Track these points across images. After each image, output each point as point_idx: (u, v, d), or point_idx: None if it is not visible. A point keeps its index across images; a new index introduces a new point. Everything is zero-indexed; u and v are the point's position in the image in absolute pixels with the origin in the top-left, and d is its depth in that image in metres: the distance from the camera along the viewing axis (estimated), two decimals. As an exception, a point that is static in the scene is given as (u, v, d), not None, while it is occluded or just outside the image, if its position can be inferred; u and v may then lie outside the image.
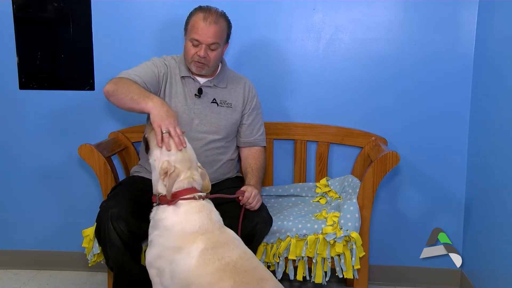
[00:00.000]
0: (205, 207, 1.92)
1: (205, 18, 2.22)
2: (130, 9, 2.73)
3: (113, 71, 2.75)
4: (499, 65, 2.36)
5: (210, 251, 1.79)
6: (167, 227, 1.88)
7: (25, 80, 2.82)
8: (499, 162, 2.31)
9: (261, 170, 2.41)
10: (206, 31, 2.22)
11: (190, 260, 1.79)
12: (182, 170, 1.93)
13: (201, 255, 1.78)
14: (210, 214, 1.92)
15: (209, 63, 2.28)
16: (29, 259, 2.95)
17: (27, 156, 2.88)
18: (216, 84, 2.37)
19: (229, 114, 2.37)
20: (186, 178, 1.93)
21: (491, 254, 2.39)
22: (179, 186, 1.92)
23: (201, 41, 2.23)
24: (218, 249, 1.80)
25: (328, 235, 2.24)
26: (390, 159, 2.29)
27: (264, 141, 2.49)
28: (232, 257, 1.79)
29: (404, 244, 2.79)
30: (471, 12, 2.61)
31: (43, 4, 2.75)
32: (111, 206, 2.09)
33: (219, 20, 2.26)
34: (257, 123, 2.46)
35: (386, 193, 2.77)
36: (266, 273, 1.81)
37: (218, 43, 2.26)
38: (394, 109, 2.71)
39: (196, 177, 1.96)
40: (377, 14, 2.67)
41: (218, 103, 2.36)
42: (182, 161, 1.94)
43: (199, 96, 2.33)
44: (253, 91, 2.46)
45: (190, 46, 2.26)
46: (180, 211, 1.89)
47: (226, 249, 1.81)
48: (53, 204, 2.92)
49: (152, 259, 1.89)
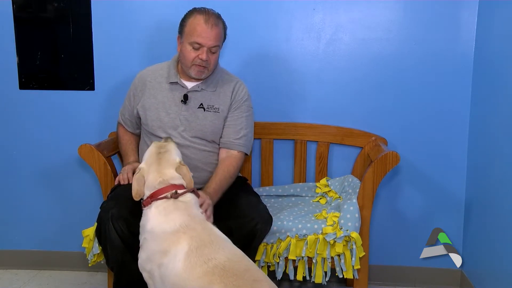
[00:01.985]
0: (179, 203, 1.90)
1: (206, 21, 2.21)
2: (130, 9, 2.73)
3: (113, 71, 2.78)
4: (499, 65, 2.36)
5: (195, 252, 1.76)
6: (149, 230, 1.88)
7: (25, 80, 2.82)
8: (499, 162, 2.31)
9: (227, 180, 2.26)
10: (209, 34, 2.20)
11: (176, 264, 1.76)
12: (149, 171, 1.95)
13: (186, 258, 1.75)
14: (188, 210, 1.89)
15: (210, 66, 2.27)
16: (29, 259, 2.95)
17: (27, 156, 2.88)
18: (205, 88, 2.34)
19: (215, 119, 2.33)
20: (154, 178, 1.93)
21: (491, 254, 2.39)
22: (151, 187, 1.93)
23: (203, 44, 2.21)
24: (203, 250, 1.76)
25: (328, 235, 2.24)
26: (390, 159, 2.29)
27: (241, 147, 2.34)
28: (219, 259, 1.74)
29: (404, 244, 2.79)
30: (471, 12, 2.61)
31: (43, 4, 2.75)
32: (112, 206, 2.09)
33: (218, 22, 2.25)
34: (237, 126, 2.35)
35: (386, 193, 2.77)
36: (259, 274, 1.77)
37: (218, 45, 2.26)
38: (394, 109, 2.72)
39: (166, 175, 1.94)
40: (377, 14, 2.67)
41: (205, 108, 2.32)
42: (150, 164, 1.97)
43: (185, 102, 2.32)
44: (242, 92, 2.38)
45: (190, 49, 2.24)
46: (154, 212, 1.89)
47: (211, 249, 1.77)
48: (53, 204, 2.92)
49: (143, 262, 1.89)
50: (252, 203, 2.24)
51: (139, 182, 1.95)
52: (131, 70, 2.71)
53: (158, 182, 1.93)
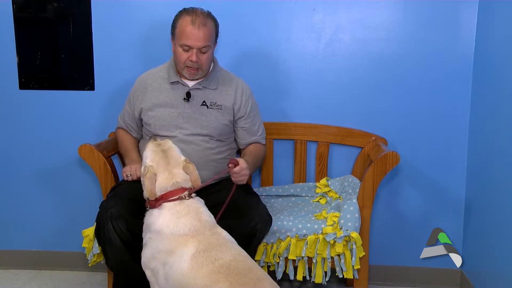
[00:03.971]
0: (191, 208, 1.91)
1: (193, 22, 2.20)
2: (130, 9, 2.73)
3: (113, 71, 2.78)
4: (499, 65, 2.36)
5: (202, 254, 1.79)
6: (157, 230, 1.89)
7: (25, 80, 2.82)
8: (499, 162, 2.31)
9: (259, 157, 2.42)
10: (196, 35, 2.20)
11: (183, 264, 1.78)
12: (158, 170, 1.95)
13: (193, 258, 1.78)
14: (198, 215, 1.90)
15: (202, 66, 2.28)
16: (29, 259, 2.95)
17: (27, 156, 2.88)
18: (206, 85, 2.35)
19: (219, 116, 2.35)
20: (166, 179, 1.94)
21: (491, 254, 2.39)
22: (162, 188, 1.93)
23: (192, 46, 2.22)
24: (210, 252, 1.79)
25: (328, 235, 2.24)
26: (390, 159, 2.29)
27: (264, 139, 2.49)
28: (225, 259, 1.78)
29: (404, 244, 2.79)
30: (471, 12, 2.61)
31: (43, 4, 2.75)
32: (111, 205, 2.09)
33: (207, 22, 2.23)
34: (255, 125, 2.44)
35: (386, 193, 2.77)
36: (262, 273, 1.80)
37: (209, 45, 2.26)
38: (394, 109, 2.71)
39: (178, 177, 1.95)
40: (377, 14, 2.67)
41: (208, 105, 2.35)
42: (157, 162, 1.97)
43: (187, 100, 2.33)
44: (247, 93, 2.42)
45: (181, 51, 2.25)
46: (166, 214, 1.90)
47: (218, 251, 1.81)
48: (53, 204, 2.92)
49: (147, 260, 1.90)
50: (252, 203, 2.24)
51: (151, 181, 1.93)
52: (131, 70, 2.72)
53: (171, 184, 1.94)
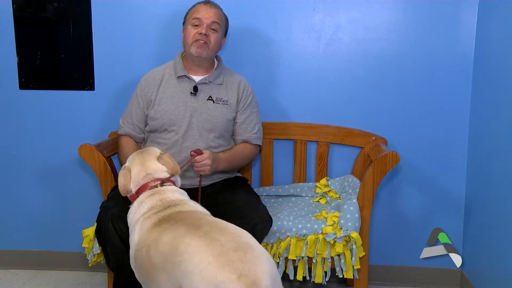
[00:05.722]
0: (156, 191, 1.90)
1: (206, 3, 2.36)
2: (130, 9, 2.73)
3: (113, 71, 2.78)
4: (499, 65, 2.36)
5: (158, 222, 1.77)
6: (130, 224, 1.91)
7: (25, 80, 2.82)
8: (499, 162, 2.31)
9: (239, 157, 2.39)
10: (208, 11, 2.33)
11: (142, 231, 1.79)
12: (132, 166, 1.97)
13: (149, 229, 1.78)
14: (162, 195, 1.88)
15: (210, 43, 2.32)
16: (29, 259, 2.95)
17: (27, 156, 2.88)
18: (212, 80, 2.39)
19: (224, 111, 2.38)
20: (138, 173, 1.95)
21: (491, 254, 2.39)
22: (136, 182, 1.94)
23: (202, 19, 2.31)
24: (159, 213, 1.80)
25: (328, 235, 2.24)
26: (390, 159, 2.29)
27: (258, 140, 2.48)
28: (167, 213, 1.78)
29: (404, 244, 2.79)
30: (471, 12, 2.61)
31: (43, 4, 2.75)
32: (111, 206, 2.10)
33: (218, 7, 2.38)
34: (252, 122, 2.45)
35: (386, 193, 2.77)
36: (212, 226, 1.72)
37: (219, 23, 2.34)
38: (394, 109, 2.71)
39: (150, 168, 1.95)
40: (377, 14, 2.67)
41: (214, 100, 2.37)
42: (133, 160, 2.00)
43: (194, 93, 2.35)
44: (249, 89, 2.46)
45: (191, 28, 2.33)
46: (134, 205, 1.92)
47: (167, 211, 1.80)
48: (53, 204, 2.92)
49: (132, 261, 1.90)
50: (252, 203, 2.25)
51: (125, 177, 1.95)
52: (131, 70, 2.72)
53: (142, 177, 1.94)
